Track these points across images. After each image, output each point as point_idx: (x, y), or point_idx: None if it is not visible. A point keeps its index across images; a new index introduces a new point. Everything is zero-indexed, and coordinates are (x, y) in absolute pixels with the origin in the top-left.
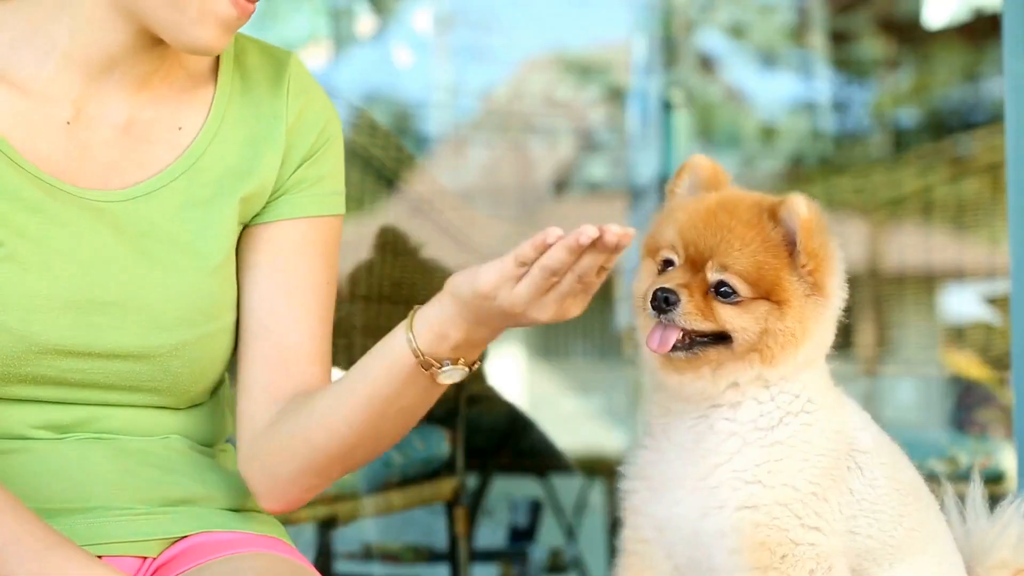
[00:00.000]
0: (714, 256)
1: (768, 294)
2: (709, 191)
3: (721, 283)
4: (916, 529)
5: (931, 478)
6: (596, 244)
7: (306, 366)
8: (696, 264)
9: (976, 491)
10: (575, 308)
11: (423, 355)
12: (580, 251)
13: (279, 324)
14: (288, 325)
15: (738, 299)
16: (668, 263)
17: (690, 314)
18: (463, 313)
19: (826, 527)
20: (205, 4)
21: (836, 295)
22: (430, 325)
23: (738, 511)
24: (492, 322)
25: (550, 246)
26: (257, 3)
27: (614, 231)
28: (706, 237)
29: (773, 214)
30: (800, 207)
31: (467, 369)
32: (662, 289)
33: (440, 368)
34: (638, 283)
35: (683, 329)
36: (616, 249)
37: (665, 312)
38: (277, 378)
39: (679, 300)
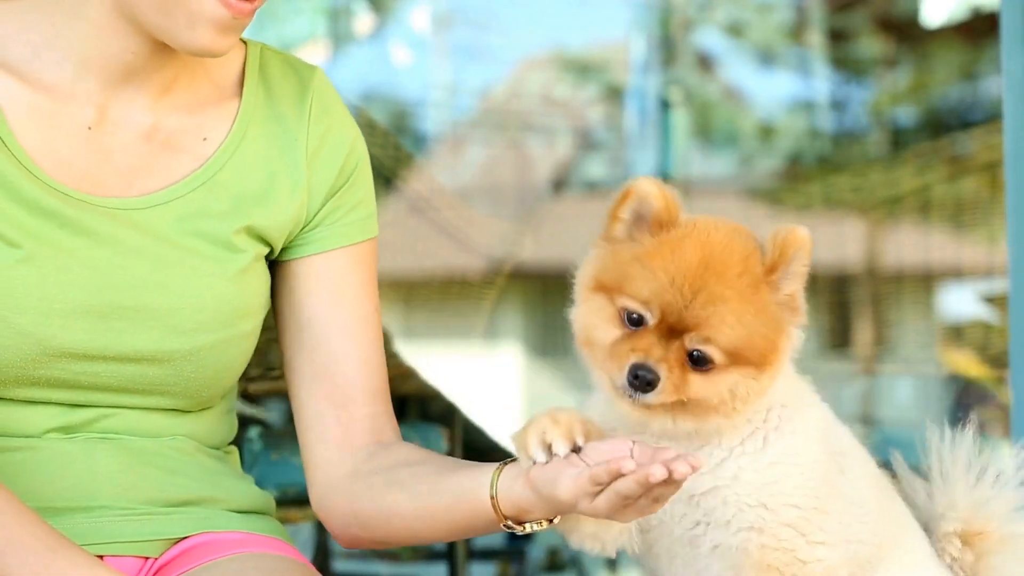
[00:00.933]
0: (699, 328)
1: (751, 361)
2: (660, 224)
3: (698, 350)
4: (894, 518)
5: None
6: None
7: (370, 406)
8: (674, 330)
9: (934, 460)
10: (655, 509)
11: (506, 520)
12: (650, 486)
13: (338, 365)
14: (348, 365)
15: (711, 366)
16: (635, 317)
17: (664, 392)
18: (544, 505)
19: (830, 540)
20: (192, 7)
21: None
22: (513, 502)
23: (742, 531)
24: (568, 513)
25: (623, 474)
26: (260, 3)
27: (681, 471)
28: (693, 308)
29: (774, 267)
30: (803, 242)
31: (550, 522)
32: (644, 368)
33: (522, 526)
34: (588, 323)
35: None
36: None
37: (644, 392)
38: (345, 423)
39: (659, 381)
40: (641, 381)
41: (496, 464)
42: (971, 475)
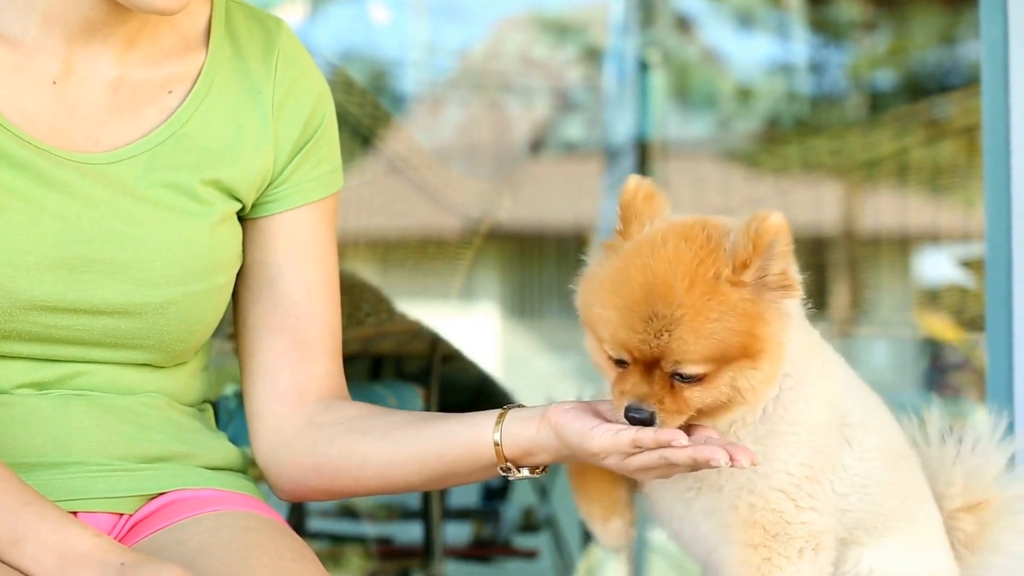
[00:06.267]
0: (667, 356)
1: (737, 357)
2: (626, 225)
3: (678, 373)
4: (906, 496)
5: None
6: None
7: (327, 364)
8: (649, 362)
9: (936, 422)
10: (672, 475)
11: (506, 461)
12: (705, 466)
13: (300, 322)
14: (311, 323)
15: (701, 377)
16: (619, 360)
17: (668, 420)
18: (560, 449)
19: (820, 507)
20: None
21: (799, 280)
22: (520, 442)
23: (733, 490)
24: (586, 461)
25: (673, 447)
26: None
27: (742, 464)
28: (650, 342)
29: (746, 262)
30: (777, 230)
31: (544, 470)
32: (635, 409)
33: (518, 471)
34: (593, 359)
35: None
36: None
37: (647, 427)
38: (301, 379)
39: (655, 415)
40: (637, 421)
41: (496, 410)
42: (951, 446)
